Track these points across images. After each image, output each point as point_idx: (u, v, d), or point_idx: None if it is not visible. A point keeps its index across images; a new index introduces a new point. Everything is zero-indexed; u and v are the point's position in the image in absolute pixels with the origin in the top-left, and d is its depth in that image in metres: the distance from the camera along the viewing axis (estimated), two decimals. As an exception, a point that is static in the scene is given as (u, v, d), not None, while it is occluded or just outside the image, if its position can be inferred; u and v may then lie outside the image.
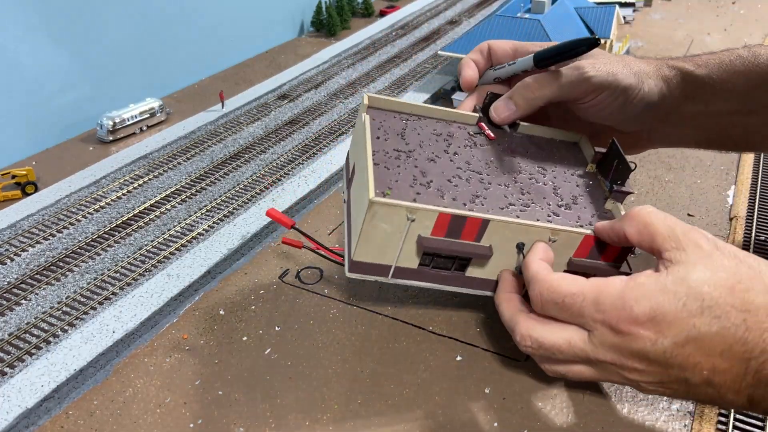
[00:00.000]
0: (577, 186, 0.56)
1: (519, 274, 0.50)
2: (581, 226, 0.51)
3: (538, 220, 0.50)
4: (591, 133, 0.61)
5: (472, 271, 0.52)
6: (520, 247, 0.50)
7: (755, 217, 0.75)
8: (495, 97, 0.58)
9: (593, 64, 0.54)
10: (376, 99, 0.59)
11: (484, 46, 0.61)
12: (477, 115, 0.59)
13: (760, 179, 0.83)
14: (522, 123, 0.60)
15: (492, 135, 0.58)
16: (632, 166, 0.51)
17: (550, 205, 0.52)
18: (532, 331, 0.45)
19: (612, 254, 0.50)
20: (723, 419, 0.50)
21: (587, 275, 0.46)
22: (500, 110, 0.57)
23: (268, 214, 0.60)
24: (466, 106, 0.61)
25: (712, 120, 0.59)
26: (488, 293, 0.53)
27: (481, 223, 0.48)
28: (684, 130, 0.61)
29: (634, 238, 0.45)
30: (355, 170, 0.55)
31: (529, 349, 0.46)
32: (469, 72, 0.60)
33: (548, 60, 0.54)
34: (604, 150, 0.55)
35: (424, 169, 0.53)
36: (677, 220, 0.44)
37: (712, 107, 0.58)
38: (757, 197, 0.79)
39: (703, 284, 0.39)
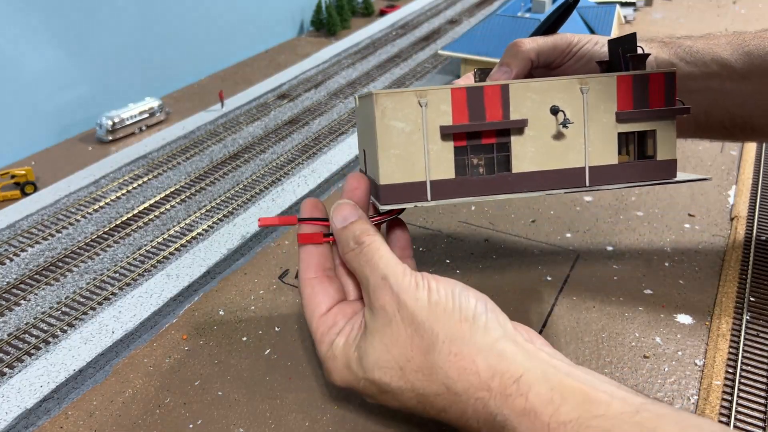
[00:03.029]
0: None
1: (565, 126, 0.45)
2: None
3: None
4: None
5: (518, 165, 0.46)
6: (555, 110, 0.45)
7: (756, 216, 0.75)
8: (484, 72, 0.58)
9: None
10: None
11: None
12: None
13: (761, 179, 0.83)
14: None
15: None
16: (632, 34, 0.49)
17: None
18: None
19: (658, 96, 0.46)
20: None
21: (644, 134, 0.46)
22: (496, 77, 0.57)
23: (261, 223, 0.48)
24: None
25: (706, 86, 0.60)
26: (543, 192, 0.47)
27: (500, 91, 0.44)
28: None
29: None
30: (366, 152, 0.51)
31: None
32: (504, 76, 0.59)
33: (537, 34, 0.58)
34: (606, 59, 0.53)
35: None
36: (375, 267, 0.42)
37: (705, 70, 0.59)
38: (758, 197, 0.79)
39: (374, 368, 0.41)
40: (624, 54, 0.49)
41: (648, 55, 0.48)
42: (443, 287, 0.41)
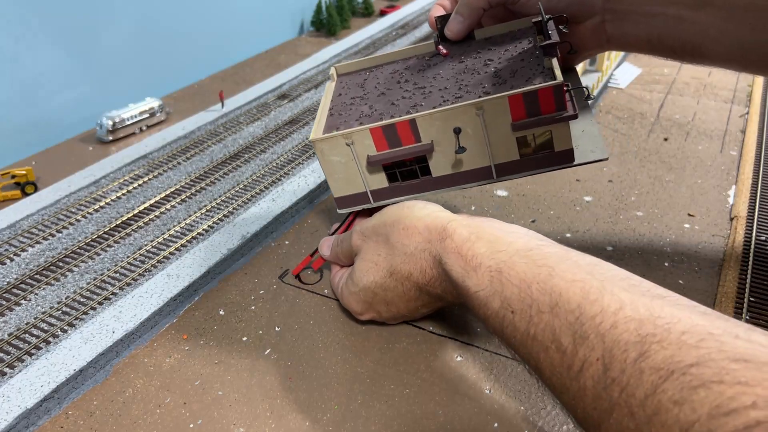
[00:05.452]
0: (522, 60, 0.56)
1: (460, 153, 0.53)
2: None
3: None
4: None
5: (437, 171, 0.55)
6: (456, 131, 0.52)
7: (756, 217, 0.75)
8: (445, 18, 0.63)
9: None
10: (344, 66, 0.67)
11: None
12: (433, 41, 0.64)
13: (760, 179, 0.83)
14: (478, 30, 0.64)
15: (445, 51, 0.62)
16: (547, 17, 0.54)
17: (484, 86, 0.54)
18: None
19: (548, 104, 0.50)
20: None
21: (536, 136, 0.52)
22: (450, 25, 0.63)
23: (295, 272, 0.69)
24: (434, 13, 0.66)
25: (663, 12, 0.60)
26: (460, 187, 0.56)
27: (409, 123, 0.52)
28: (636, 24, 0.62)
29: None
30: None
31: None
32: (457, 26, 0.63)
33: None
34: (539, 18, 0.57)
35: (372, 104, 0.58)
36: (350, 236, 0.58)
37: None
38: (758, 197, 0.79)
39: (361, 278, 0.55)
40: (537, 42, 0.56)
41: (557, 43, 0.53)
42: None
